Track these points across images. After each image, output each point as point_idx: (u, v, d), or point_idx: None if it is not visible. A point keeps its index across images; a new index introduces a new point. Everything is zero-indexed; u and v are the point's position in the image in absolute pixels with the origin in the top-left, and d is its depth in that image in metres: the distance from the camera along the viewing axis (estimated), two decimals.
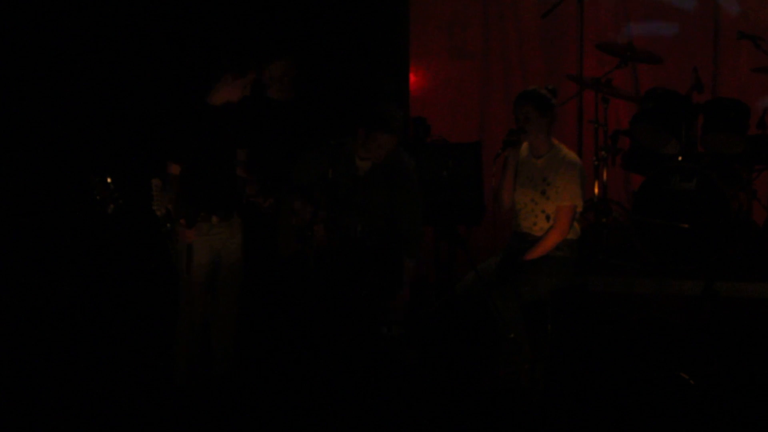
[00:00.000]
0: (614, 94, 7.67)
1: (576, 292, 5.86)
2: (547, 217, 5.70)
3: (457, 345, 5.76)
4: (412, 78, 8.84)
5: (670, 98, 7.35)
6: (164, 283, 5.86)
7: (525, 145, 5.79)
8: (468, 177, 7.18)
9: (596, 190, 7.63)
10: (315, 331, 5.79)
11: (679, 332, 6.27)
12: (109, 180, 5.16)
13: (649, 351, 5.98)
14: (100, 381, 5.70)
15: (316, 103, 8.08)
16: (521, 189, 5.76)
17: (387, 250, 5.85)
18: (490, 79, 8.81)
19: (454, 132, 8.27)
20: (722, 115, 7.26)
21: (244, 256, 5.62)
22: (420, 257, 6.04)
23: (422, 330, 5.87)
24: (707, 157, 7.38)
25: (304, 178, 5.80)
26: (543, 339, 5.63)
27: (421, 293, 6.22)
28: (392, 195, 5.89)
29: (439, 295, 5.93)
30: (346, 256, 5.80)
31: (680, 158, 7.24)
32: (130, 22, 7.61)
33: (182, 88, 5.87)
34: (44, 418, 5.31)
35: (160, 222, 5.29)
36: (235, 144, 5.47)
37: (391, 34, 8.46)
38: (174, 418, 5.27)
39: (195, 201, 5.40)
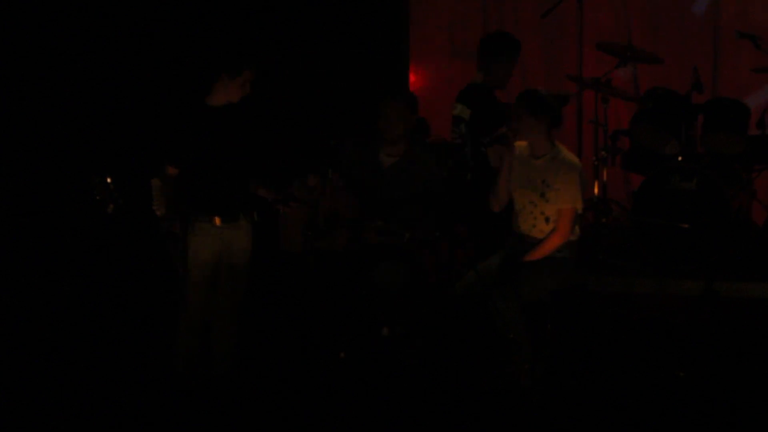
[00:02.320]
0: (614, 94, 7.66)
1: (576, 292, 5.86)
2: (546, 219, 5.69)
3: (457, 345, 5.76)
4: (412, 78, 8.84)
5: (670, 98, 7.35)
6: (164, 283, 5.86)
7: (524, 144, 5.78)
8: None
9: (596, 190, 7.63)
10: (316, 331, 5.80)
11: (679, 332, 6.27)
12: (109, 180, 5.16)
13: (649, 351, 5.98)
14: (100, 381, 5.69)
15: (316, 103, 8.09)
16: (520, 190, 5.74)
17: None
18: None
19: None
20: (722, 115, 7.26)
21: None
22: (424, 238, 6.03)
23: (422, 330, 5.87)
24: (707, 157, 7.37)
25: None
26: (543, 339, 5.63)
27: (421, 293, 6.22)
28: (415, 187, 5.92)
29: (439, 295, 5.92)
30: (390, 259, 5.82)
31: (680, 158, 7.24)
32: (129, 23, 7.61)
33: (181, 88, 5.88)
34: (44, 418, 5.31)
35: (160, 222, 5.29)
36: (238, 144, 5.46)
37: (391, 34, 8.46)
38: (174, 417, 5.27)
39: (194, 202, 5.40)
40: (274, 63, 6.82)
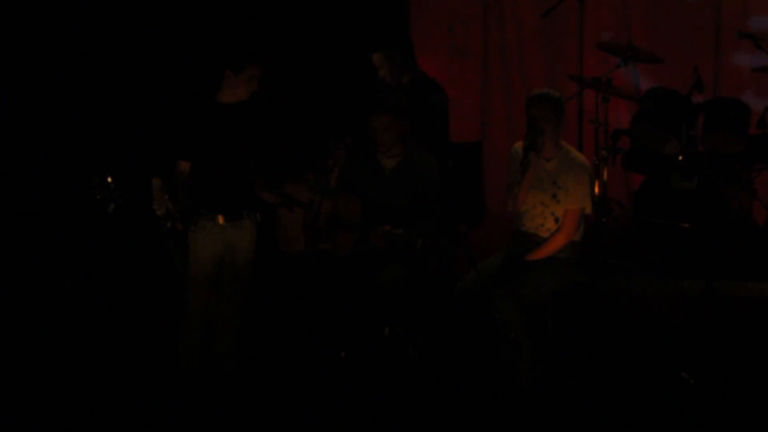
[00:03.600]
0: (615, 94, 7.66)
1: (576, 292, 5.86)
2: (556, 220, 5.69)
3: (457, 345, 5.75)
4: None
5: (671, 98, 7.35)
6: (165, 283, 5.86)
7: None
8: (468, 177, 7.18)
9: (597, 190, 7.62)
10: (317, 330, 5.80)
11: (679, 332, 6.27)
12: (109, 180, 5.16)
13: (649, 351, 5.98)
14: (102, 381, 5.70)
15: (317, 103, 8.09)
16: (530, 191, 5.72)
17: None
18: (490, 78, 8.80)
19: (454, 132, 8.26)
20: (723, 115, 7.26)
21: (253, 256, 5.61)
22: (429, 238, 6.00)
23: (422, 330, 5.87)
24: (707, 156, 7.37)
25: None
26: (543, 339, 5.63)
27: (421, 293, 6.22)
28: (418, 188, 5.91)
29: (440, 295, 5.93)
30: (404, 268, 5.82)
31: (680, 158, 7.24)
32: (129, 22, 7.61)
33: (188, 86, 5.88)
34: (45, 418, 5.31)
35: (161, 221, 5.28)
36: (245, 143, 5.45)
37: (391, 34, 8.45)
38: (176, 417, 5.27)
39: (199, 200, 5.39)
40: (274, 62, 6.81)
